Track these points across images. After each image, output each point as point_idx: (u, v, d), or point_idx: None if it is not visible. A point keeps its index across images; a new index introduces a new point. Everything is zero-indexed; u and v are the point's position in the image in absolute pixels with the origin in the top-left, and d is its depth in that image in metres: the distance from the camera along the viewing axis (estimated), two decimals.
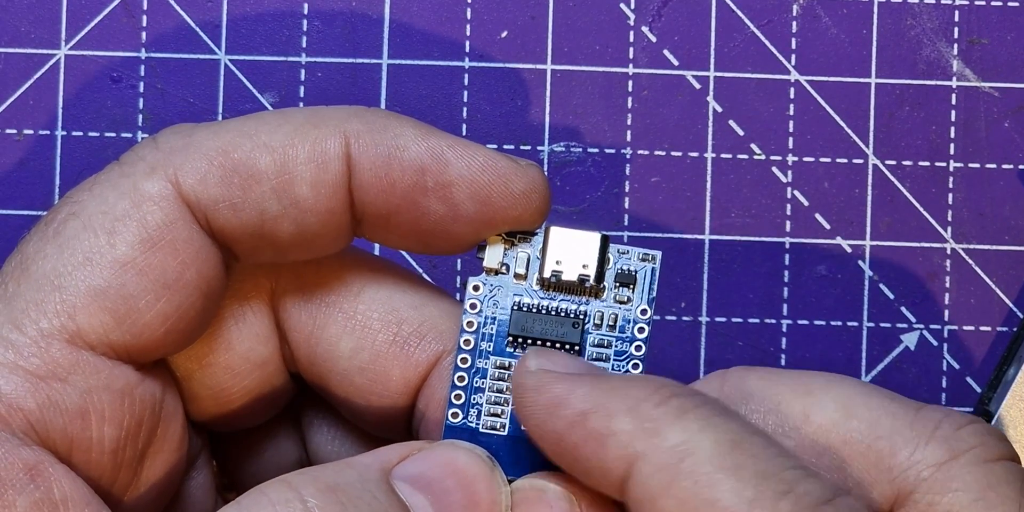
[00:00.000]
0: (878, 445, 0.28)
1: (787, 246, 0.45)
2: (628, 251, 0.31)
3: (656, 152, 0.45)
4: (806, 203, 0.45)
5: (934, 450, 0.28)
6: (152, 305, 0.29)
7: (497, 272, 0.31)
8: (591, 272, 0.31)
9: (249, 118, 0.30)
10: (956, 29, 0.45)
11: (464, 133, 0.45)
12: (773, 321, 0.44)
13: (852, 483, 0.28)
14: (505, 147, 0.45)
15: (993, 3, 0.45)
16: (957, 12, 0.45)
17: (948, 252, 0.45)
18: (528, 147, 0.45)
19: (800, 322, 0.44)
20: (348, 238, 0.31)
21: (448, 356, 0.32)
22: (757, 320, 0.44)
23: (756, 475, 0.26)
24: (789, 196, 0.45)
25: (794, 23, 0.45)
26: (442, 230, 0.31)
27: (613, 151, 0.45)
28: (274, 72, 0.44)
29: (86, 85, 0.44)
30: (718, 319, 0.44)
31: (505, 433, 0.31)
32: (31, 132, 0.44)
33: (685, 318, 0.44)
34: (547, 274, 0.31)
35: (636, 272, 0.31)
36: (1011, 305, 0.44)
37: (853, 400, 0.29)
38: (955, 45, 0.45)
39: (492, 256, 0.31)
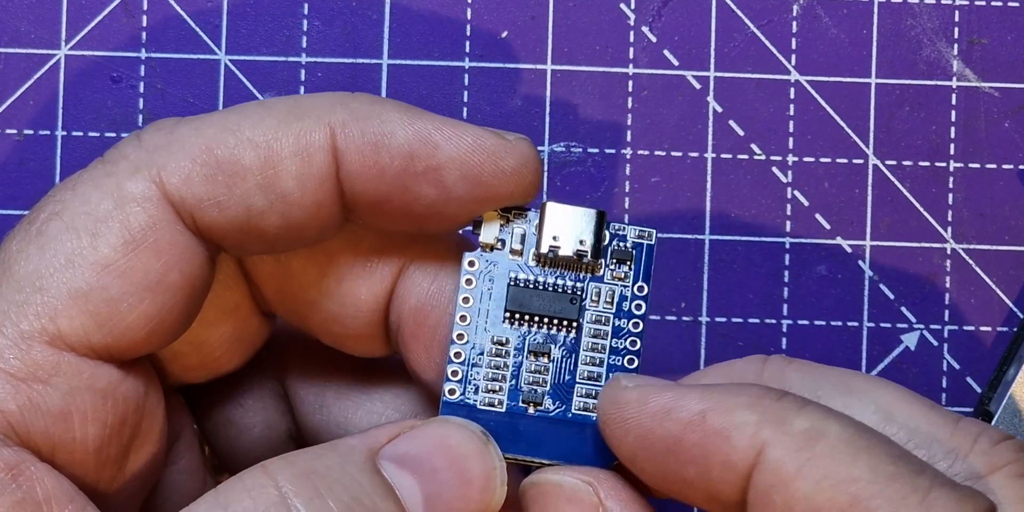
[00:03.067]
0: (916, 453, 0.28)
1: (787, 246, 0.45)
2: (624, 228, 0.31)
3: (656, 152, 0.45)
4: (806, 203, 0.45)
5: (973, 463, 0.28)
6: (134, 307, 0.29)
7: (493, 248, 0.31)
8: (588, 247, 0.31)
9: (232, 111, 0.30)
10: (956, 29, 0.45)
11: None
12: (773, 321, 0.44)
13: None
14: None
15: (993, 3, 0.45)
16: (957, 12, 0.45)
17: (948, 252, 0.45)
18: None
19: (800, 322, 0.44)
20: (338, 227, 0.31)
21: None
22: (757, 320, 0.44)
23: (890, 455, 0.26)
24: (789, 196, 0.45)
25: (794, 23, 0.45)
26: (435, 212, 0.30)
27: (613, 151, 0.45)
28: (274, 72, 0.44)
29: (86, 85, 0.44)
30: (718, 319, 0.44)
31: (503, 409, 0.31)
32: (31, 132, 0.44)
33: (685, 318, 0.44)
34: (544, 249, 0.31)
35: (632, 249, 0.31)
36: (1011, 305, 0.44)
37: (894, 405, 0.29)
38: (955, 45, 0.45)
39: (488, 232, 0.31)
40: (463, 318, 0.31)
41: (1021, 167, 0.45)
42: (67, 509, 0.27)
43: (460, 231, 0.33)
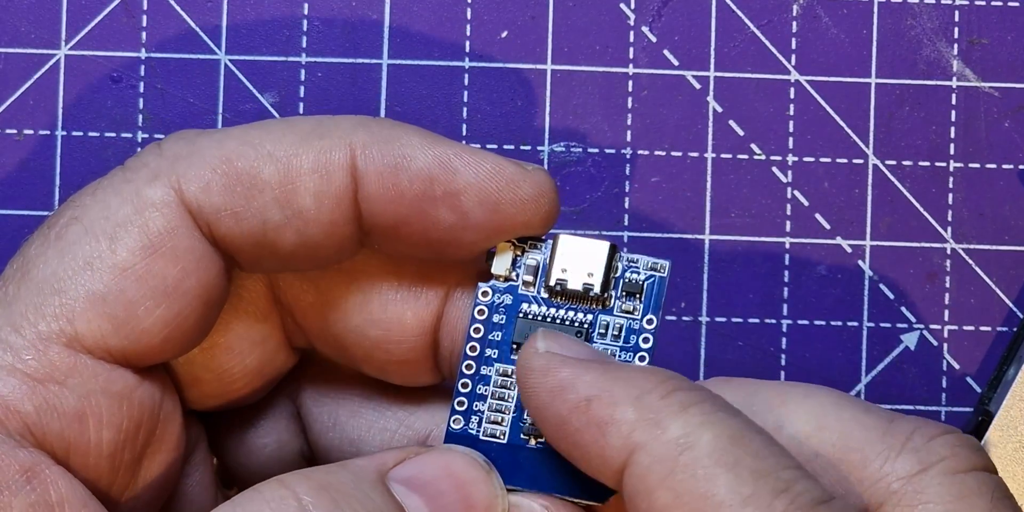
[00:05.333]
0: (849, 457, 0.28)
1: (787, 246, 0.45)
2: (637, 260, 0.31)
3: (656, 152, 0.45)
4: (806, 203, 0.45)
5: (904, 462, 0.28)
6: (151, 311, 0.29)
7: (506, 278, 0.31)
8: (596, 281, 0.31)
9: (254, 127, 0.30)
10: (956, 29, 0.45)
11: (464, 133, 0.45)
12: (773, 321, 0.44)
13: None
14: (505, 147, 0.45)
15: (993, 3, 0.45)
16: (957, 12, 0.45)
17: (948, 252, 0.45)
18: (528, 147, 0.45)
19: (800, 322, 0.44)
20: (353, 249, 0.31)
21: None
22: (757, 320, 0.44)
23: (753, 472, 0.26)
24: (789, 196, 0.45)
25: (794, 23, 0.45)
26: (452, 238, 0.31)
27: (613, 151, 0.45)
28: (274, 72, 0.44)
29: (86, 85, 0.44)
30: (718, 319, 0.44)
31: (505, 441, 0.31)
32: (31, 132, 0.44)
33: (685, 318, 0.44)
34: (552, 282, 0.31)
35: (643, 282, 0.31)
36: (1011, 305, 0.44)
37: (826, 411, 0.29)
38: (955, 45, 0.45)
39: (500, 263, 0.31)
40: (472, 348, 0.31)
41: (1021, 167, 0.45)
42: None
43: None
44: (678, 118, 0.45)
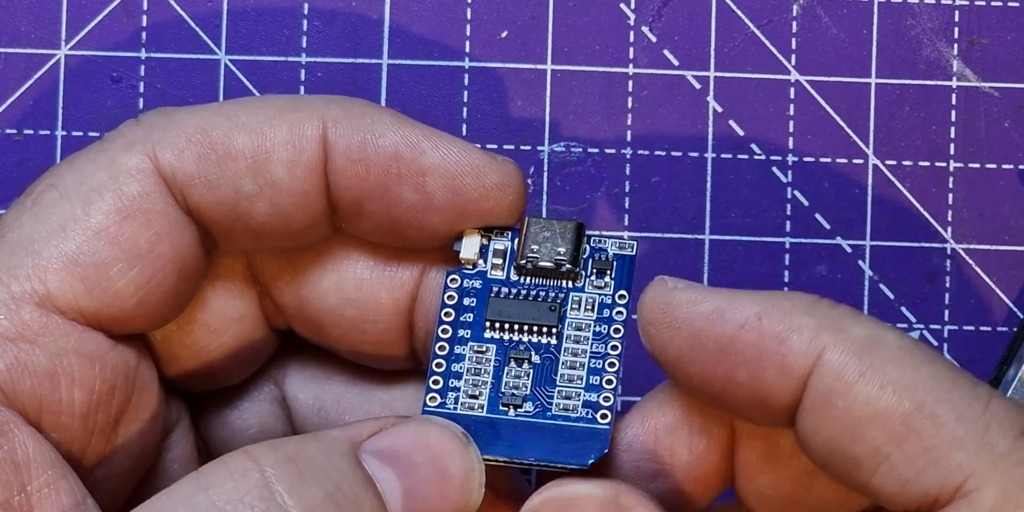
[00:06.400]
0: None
1: (787, 246, 0.45)
2: (604, 241, 0.32)
3: (656, 152, 0.45)
4: (806, 203, 0.45)
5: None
6: (123, 274, 0.29)
7: (474, 263, 0.32)
8: (566, 256, 0.31)
9: (230, 101, 0.31)
10: (956, 29, 0.45)
11: (464, 133, 0.45)
12: None
13: None
14: (505, 147, 0.45)
15: (993, 3, 0.45)
16: (957, 12, 0.45)
17: (948, 252, 0.45)
18: (528, 147, 0.45)
19: None
20: (325, 227, 0.32)
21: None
22: None
23: (948, 366, 0.27)
24: (789, 196, 0.45)
25: (794, 23, 0.45)
26: (415, 219, 0.31)
27: (613, 151, 0.45)
28: (274, 72, 0.45)
29: (86, 85, 0.44)
30: None
31: (483, 413, 0.31)
32: (31, 132, 0.44)
33: None
34: (523, 261, 0.31)
35: (613, 260, 0.31)
36: (1011, 305, 0.44)
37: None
38: (955, 45, 0.45)
39: (468, 247, 0.32)
40: (444, 330, 0.31)
41: (1021, 167, 0.45)
42: (47, 474, 0.28)
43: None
44: (678, 118, 0.45)
